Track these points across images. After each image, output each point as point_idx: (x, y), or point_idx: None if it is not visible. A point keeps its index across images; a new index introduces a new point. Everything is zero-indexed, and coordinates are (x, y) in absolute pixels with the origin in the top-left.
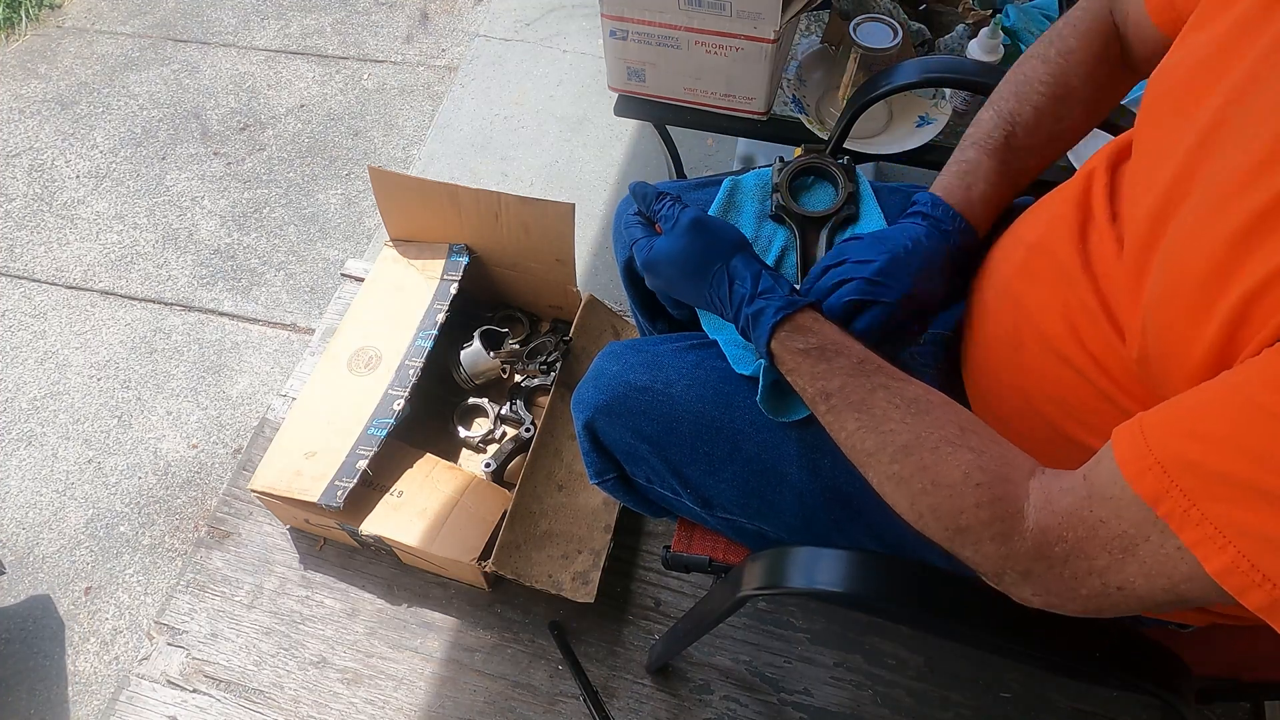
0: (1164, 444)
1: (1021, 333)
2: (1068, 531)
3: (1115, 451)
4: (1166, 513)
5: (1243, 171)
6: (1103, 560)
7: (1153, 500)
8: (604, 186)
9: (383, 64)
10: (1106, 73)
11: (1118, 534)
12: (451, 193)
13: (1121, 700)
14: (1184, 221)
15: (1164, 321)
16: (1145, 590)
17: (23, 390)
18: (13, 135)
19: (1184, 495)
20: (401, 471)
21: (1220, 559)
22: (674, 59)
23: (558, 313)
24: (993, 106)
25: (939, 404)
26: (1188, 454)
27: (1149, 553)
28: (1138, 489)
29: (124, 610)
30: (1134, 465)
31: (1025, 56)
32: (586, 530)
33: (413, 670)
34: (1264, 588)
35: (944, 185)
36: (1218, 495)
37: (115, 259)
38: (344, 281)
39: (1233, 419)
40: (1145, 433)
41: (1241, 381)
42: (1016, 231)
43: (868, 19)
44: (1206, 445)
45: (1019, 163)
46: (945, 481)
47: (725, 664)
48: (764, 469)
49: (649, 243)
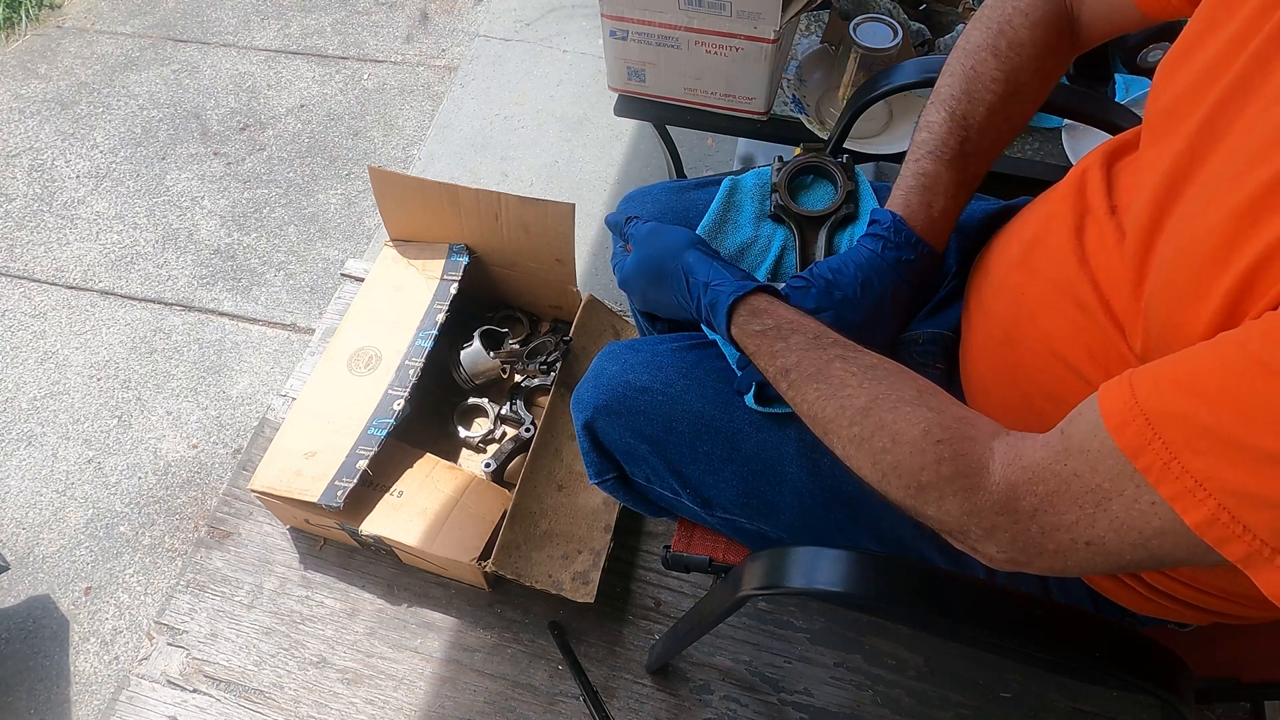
0: (1151, 397)
1: (1018, 330)
2: (1038, 485)
3: (1100, 403)
4: (1145, 465)
5: (1247, 151)
6: (1072, 515)
7: (1133, 453)
8: (604, 186)
9: (383, 64)
10: (1054, 63)
11: (1091, 488)
12: (451, 193)
13: (1121, 700)
14: (1190, 203)
15: (1169, 304)
16: (1115, 546)
17: (23, 390)
18: (13, 135)
19: (1165, 448)
20: (401, 471)
21: (1200, 511)
22: (674, 59)
23: (558, 313)
24: (944, 107)
25: (895, 370)
26: (1175, 407)
27: (1122, 506)
28: (1118, 441)
29: (124, 610)
30: (1117, 418)
31: (972, 46)
32: (586, 530)
33: (413, 670)
34: (1244, 539)
35: (905, 203)
36: (1200, 449)
37: (115, 259)
38: (344, 281)
39: (1225, 373)
40: (1134, 386)
41: (1242, 338)
42: (1013, 229)
43: (868, 19)
44: (1196, 399)
45: (973, 169)
46: (905, 438)
47: (725, 664)
48: (763, 468)
49: (620, 264)
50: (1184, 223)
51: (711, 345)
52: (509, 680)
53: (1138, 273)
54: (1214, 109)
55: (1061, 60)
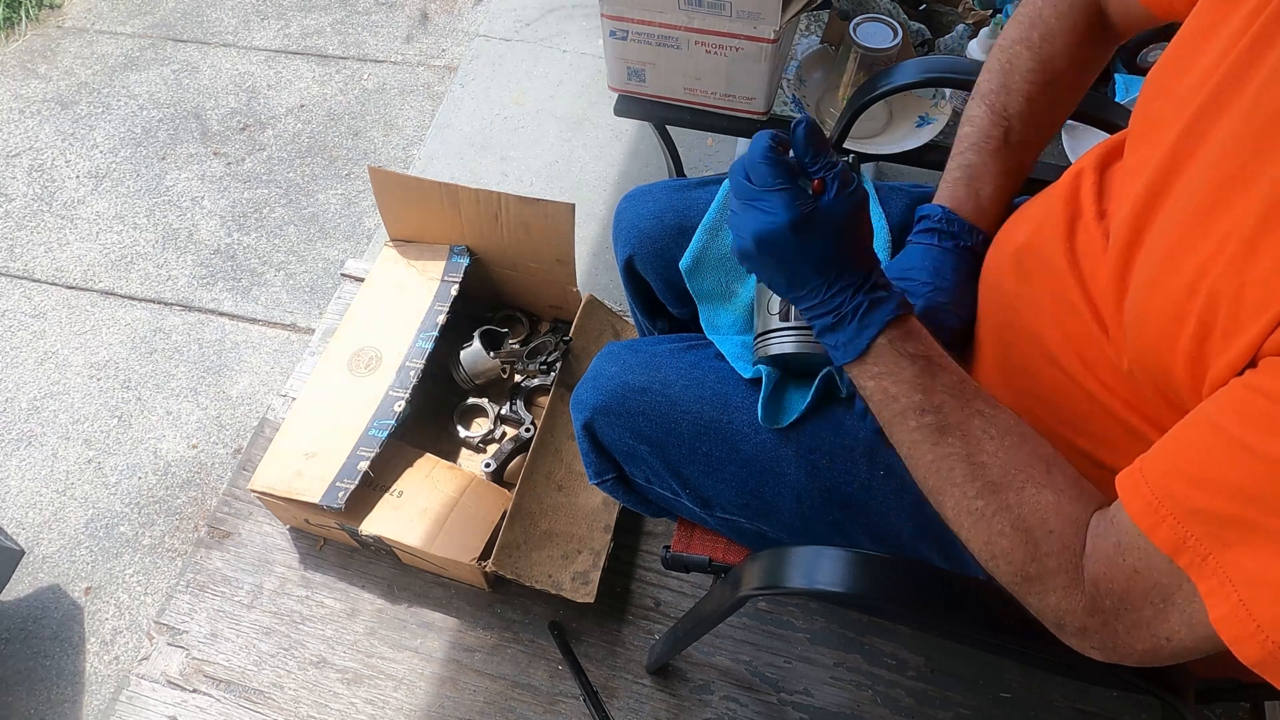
0: (1167, 491)
1: (1012, 332)
2: (1113, 582)
3: (1123, 502)
4: (1187, 564)
5: (1219, 165)
6: (1147, 611)
7: (1172, 552)
8: (604, 186)
9: (383, 64)
10: (1090, 52)
11: (1153, 584)
12: (451, 193)
13: (1121, 700)
14: (1166, 217)
15: (1146, 323)
16: (1191, 641)
17: (22, 390)
18: (13, 135)
19: (1199, 543)
20: (401, 471)
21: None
22: (674, 59)
23: (558, 313)
24: (984, 101)
25: (1029, 437)
26: (1191, 501)
27: (1184, 601)
28: (1155, 541)
29: (124, 610)
30: (1147, 518)
31: (1007, 41)
32: (586, 530)
33: (413, 670)
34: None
35: (953, 196)
36: (1228, 540)
37: (115, 259)
38: (344, 281)
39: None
40: (1147, 479)
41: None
42: (1009, 231)
43: (868, 19)
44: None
45: (1018, 158)
46: (1023, 526)
47: (725, 664)
48: (762, 469)
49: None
50: (1160, 238)
51: (711, 345)
52: (509, 680)
53: (1119, 283)
54: (1194, 119)
55: (1097, 50)
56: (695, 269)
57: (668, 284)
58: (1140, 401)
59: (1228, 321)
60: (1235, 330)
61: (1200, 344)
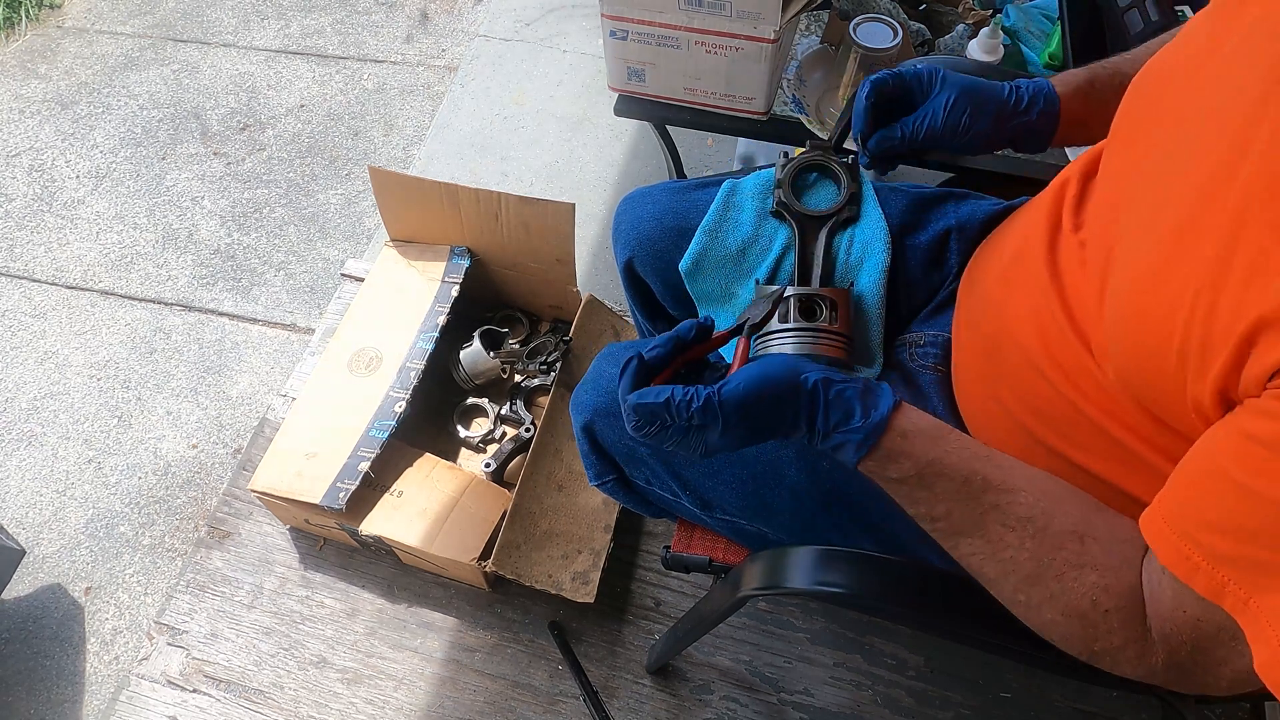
0: (1194, 539)
1: (1000, 340)
2: (1182, 634)
3: (1155, 553)
4: (1231, 607)
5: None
6: (1221, 652)
7: (1215, 597)
8: (604, 186)
9: (383, 64)
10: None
11: (1218, 627)
12: (451, 193)
13: (1121, 700)
14: (1129, 250)
15: (1128, 344)
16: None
17: (23, 390)
18: (13, 135)
19: (1238, 588)
20: (401, 471)
21: (1264, 652)
22: (674, 59)
23: (558, 313)
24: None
25: (1053, 511)
26: (1217, 548)
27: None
28: (1196, 589)
29: (124, 610)
30: (1181, 566)
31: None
32: (586, 530)
33: (413, 670)
34: None
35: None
36: (1261, 585)
37: (115, 259)
38: (344, 281)
39: (1231, 507)
40: (1171, 524)
41: (1224, 463)
42: (999, 238)
43: (868, 19)
44: (1228, 537)
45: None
46: (1076, 612)
47: (725, 664)
48: (762, 471)
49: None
50: (1129, 255)
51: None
52: (509, 680)
53: (1098, 297)
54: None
55: None
56: (695, 271)
57: (667, 286)
58: (1122, 413)
59: (1201, 345)
60: (1209, 352)
61: (1181, 363)
